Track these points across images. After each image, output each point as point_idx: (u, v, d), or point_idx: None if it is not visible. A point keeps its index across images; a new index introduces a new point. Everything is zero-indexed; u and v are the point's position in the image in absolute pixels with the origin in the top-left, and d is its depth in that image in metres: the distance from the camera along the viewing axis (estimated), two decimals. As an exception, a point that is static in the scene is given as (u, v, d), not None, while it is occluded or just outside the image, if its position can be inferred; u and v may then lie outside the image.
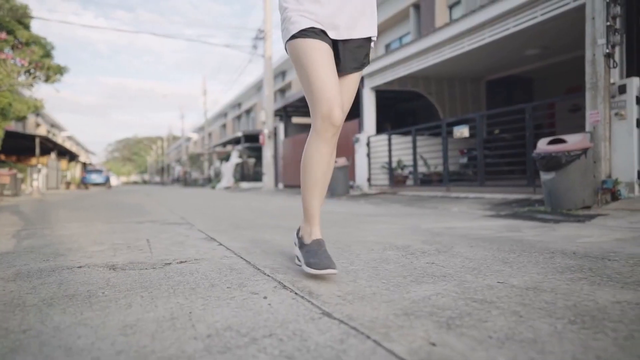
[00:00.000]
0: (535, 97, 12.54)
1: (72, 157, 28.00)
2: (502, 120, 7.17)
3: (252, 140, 21.76)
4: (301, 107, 15.83)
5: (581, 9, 5.46)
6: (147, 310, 1.15)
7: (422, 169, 10.41)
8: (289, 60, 24.96)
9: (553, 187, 4.84)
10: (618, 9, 4.94)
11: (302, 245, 1.62)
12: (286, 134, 16.95)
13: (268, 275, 1.56)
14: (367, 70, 10.47)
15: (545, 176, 4.90)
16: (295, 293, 1.31)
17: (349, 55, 1.58)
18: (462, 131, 7.19)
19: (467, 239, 2.51)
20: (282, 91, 26.82)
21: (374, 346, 0.87)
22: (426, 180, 10.10)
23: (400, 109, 15.21)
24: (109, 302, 1.24)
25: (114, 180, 38.50)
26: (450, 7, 13.90)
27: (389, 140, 9.61)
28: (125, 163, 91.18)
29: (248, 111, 32.23)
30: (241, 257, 1.94)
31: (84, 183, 27.42)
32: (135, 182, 79.24)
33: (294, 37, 1.51)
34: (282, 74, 27.34)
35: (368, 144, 10.46)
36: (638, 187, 4.98)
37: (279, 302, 1.21)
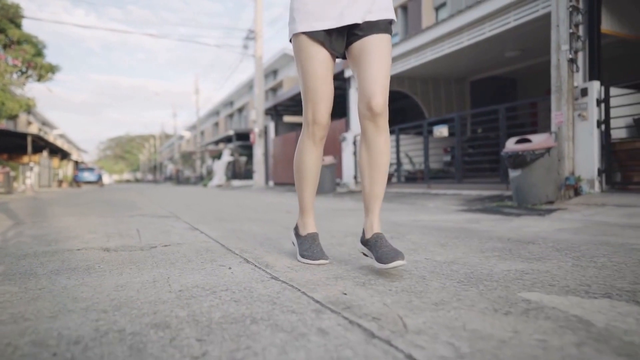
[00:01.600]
0: (519, 97, 12.93)
1: (64, 155, 28.07)
2: (484, 119, 7.53)
3: (243, 139, 22.02)
4: (291, 106, 16.11)
5: (548, 16, 5.81)
6: (135, 277, 1.46)
7: (408, 166, 10.76)
8: (280, 59, 25.23)
9: (519, 184, 5.19)
10: (580, 17, 5.29)
11: (297, 236, 1.73)
12: (277, 133, 17.25)
13: (237, 254, 1.87)
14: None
15: (512, 173, 5.25)
16: (255, 265, 1.62)
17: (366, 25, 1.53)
18: (441, 130, 7.53)
19: (424, 229, 2.84)
20: (274, 90, 27.06)
21: (300, 295, 1.19)
22: (411, 178, 10.44)
23: (389, 108, 15.52)
24: (104, 272, 1.54)
25: (106, 179, 38.57)
26: (437, 9, 14.25)
27: (374, 139, 9.94)
28: (117, 161, 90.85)
29: (240, 109, 32.44)
30: (217, 242, 2.25)
31: (76, 181, 27.51)
32: (127, 181, 79.05)
33: (296, 34, 1.54)
34: (274, 72, 27.59)
35: (355, 143, 10.79)
36: (598, 184, 5.34)
37: (240, 271, 1.53)
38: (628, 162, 5.33)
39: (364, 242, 1.55)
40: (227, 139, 24.29)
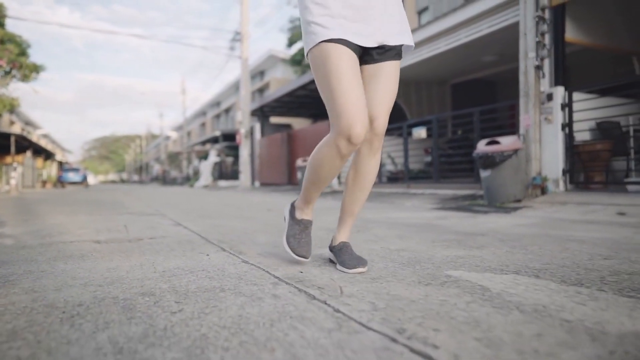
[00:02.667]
0: (498, 99, 13.34)
1: (48, 155, 27.82)
2: (463, 121, 7.85)
3: (230, 139, 22.16)
4: (277, 107, 16.33)
5: (517, 25, 6.15)
6: (124, 262, 1.68)
7: (390, 167, 11.05)
8: (267, 61, 25.37)
9: (489, 184, 5.50)
10: (545, 27, 5.63)
11: (292, 215, 1.63)
12: (263, 134, 17.44)
13: (215, 244, 2.10)
14: (337, 73, 11.04)
15: (483, 174, 5.55)
16: (230, 253, 1.86)
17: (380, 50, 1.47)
18: (419, 132, 7.84)
19: (391, 225, 3.10)
20: (261, 90, 27.22)
21: (264, 273, 1.43)
22: (393, 178, 10.74)
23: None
24: (97, 259, 1.76)
25: (91, 179, 38.25)
26: (419, 13, 14.60)
27: (357, 140, 10.22)
28: (102, 161, 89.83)
29: (227, 110, 32.51)
30: (199, 235, 2.48)
31: (60, 182, 27.29)
32: (113, 181, 78.22)
33: (321, 43, 1.39)
34: (261, 73, 27.76)
35: (338, 144, 11.04)
36: (563, 183, 5.69)
37: (216, 257, 1.76)
38: (590, 163, 5.68)
39: (331, 248, 1.61)
40: (214, 140, 24.40)
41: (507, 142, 5.38)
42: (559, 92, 5.64)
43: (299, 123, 19.60)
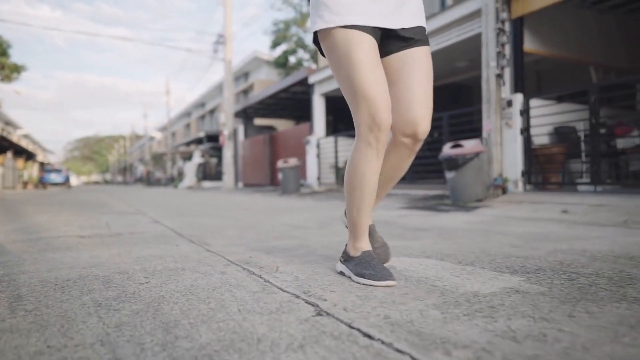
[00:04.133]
0: (473, 103, 13.83)
1: (29, 156, 27.56)
2: (438, 124, 8.20)
3: (214, 140, 22.33)
4: (261, 109, 16.60)
5: (481, 35, 6.56)
6: (104, 252, 1.97)
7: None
8: (251, 62, 25.54)
9: (454, 184, 5.88)
10: (505, 38, 6.05)
11: (348, 259, 1.41)
12: (246, 135, 17.69)
13: (186, 238, 2.41)
14: (317, 77, 11.39)
15: (448, 175, 5.94)
16: (197, 244, 2.17)
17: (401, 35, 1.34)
18: (393, 135, 8.21)
19: (350, 221, 3.43)
20: (245, 92, 27.42)
21: (220, 258, 1.75)
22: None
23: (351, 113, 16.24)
24: (81, 250, 2.05)
25: (74, 180, 37.92)
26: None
27: (336, 142, 10.58)
28: (85, 162, 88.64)
29: (212, 111, 32.60)
30: (174, 230, 2.78)
31: (42, 183, 27.07)
32: (96, 182, 77.31)
33: (335, 28, 1.27)
34: (245, 75, 27.94)
35: (318, 146, 11.39)
36: (522, 184, 6.11)
37: (185, 247, 2.07)
38: (546, 165, 6.11)
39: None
40: (198, 141, 24.53)
41: (469, 146, 5.76)
42: (518, 99, 6.06)
43: (282, 124, 19.88)
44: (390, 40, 1.34)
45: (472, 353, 0.75)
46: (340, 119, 15.27)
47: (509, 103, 6.14)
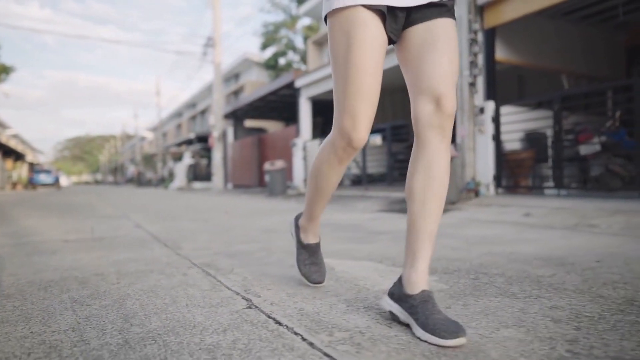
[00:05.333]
0: (456, 107, 14.15)
1: (18, 156, 27.50)
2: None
3: (205, 141, 22.49)
4: (250, 110, 16.81)
5: (455, 45, 6.85)
6: (86, 255, 2.21)
7: (355, 170, 11.70)
8: (241, 64, 25.71)
9: (428, 187, 6.16)
10: (477, 48, 6.35)
11: (298, 237, 1.53)
12: (236, 137, 17.91)
13: (161, 242, 2.65)
14: (303, 81, 11.64)
15: (422, 179, 6.21)
16: (170, 248, 2.41)
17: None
18: (374, 140, 8.50)
19: (326, 225, 3.68)
20: (236, 93, 27.59)
21: (187, 261, 2.00)
22: (357, 181, 11.39)
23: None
24: (65, 253, 2.29)
25: (64, 181, 37.83)
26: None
27: (321, 145, 10.84)
28: (76, 162, 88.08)
29: (203, 112, 32.71)
30: (152, 235, 3.02)
31: (31, 183, 27.04)
32: (87, 182, 76.91)
33: (340, 9, 1.12)
34: (236, 76, 28.12)
35: (304, 148, 11.65)
36: (493, 187, 6.41)
37: (158, 251, 2.31)
38: (517, 169, 6.42)
39: (401, 297, 1.12)
40: (188, 142, 24.68)
41: (442, 151, 6.04)
42: (490, 106, 6.36)
43: (273, 126, 20.11)
44: (409, 12, 1.15)
45: (349, 334, 1.01)
46: (330, 121, 15.56)
47: (482, 110, 6.44)
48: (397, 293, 1.13)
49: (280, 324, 1.09)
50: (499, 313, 1.19)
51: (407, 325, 1.07)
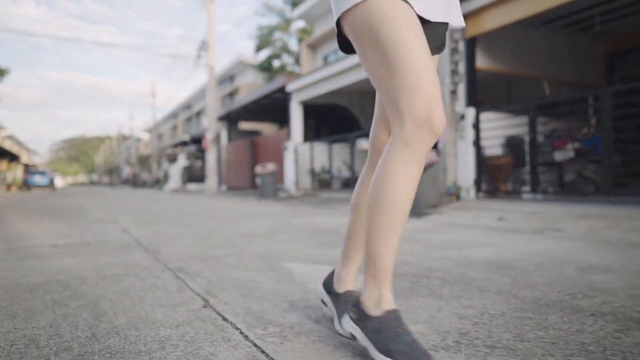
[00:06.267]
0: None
1: (12, 157, 27.57)
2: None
3: (200, 143, 22.68)
4: (244, 113, 17.01)
5: (438, 53, 7.08)
6: (72, 260, 2.40)
7: (346, 173, 11.91)
8: (236, 66, 25.90)
9: (410, 191, 6.38)
10: (458, 57, 6.57)
11: (363, 317, 1.04)
12: (231, 139, 18.10)
13: (144, 247, 2.84)
14: (294, 86, 11.85)
15: (405, 183, 6.42)
16: (150, 253, 2.61)
17: (427, 33, 1.08)
18: (362, 144, 8.72)
19: (303, 229, 3.88)
20: (231, 95, 27.76)
21: (162, 265, 2.19)
22: (347, 184, 11.59)
23: (339, 115, 16.74)
24: (52, 258, 2.48)
25: (59, 182, 37.86)
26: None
27: (312, 148, 11.06)
28: (72, 163, 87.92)
29: (198, 113, 32.86)
30: (136, 240, 3.21)
31: (26, 185, 27.11)
32: (82, 183, 76.79)
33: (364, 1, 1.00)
34: (231, 78, 28.30)
35: (295, 152, 11.85)
36: (474, 192, 6.63)
37: (139, 256, 2.51)
38: (496, 174, 6.64)
39: (330, 290, 1.22)
40: (183, 143, 24.84)
41: (424, 156, 6.26)
42: (471, 113, 6.58)
43: (268, 128, 20.31)
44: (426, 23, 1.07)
45: (280, 329, 1.21)
46: (323, 124, 15.79)
47: (462, 117, 6.67)
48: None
49: (226, 320, 1.29)
50: (418, 312, 1.39)
51: (331, 320, 1.27)
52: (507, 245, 2.83)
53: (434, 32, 1.10)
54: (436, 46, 1.12)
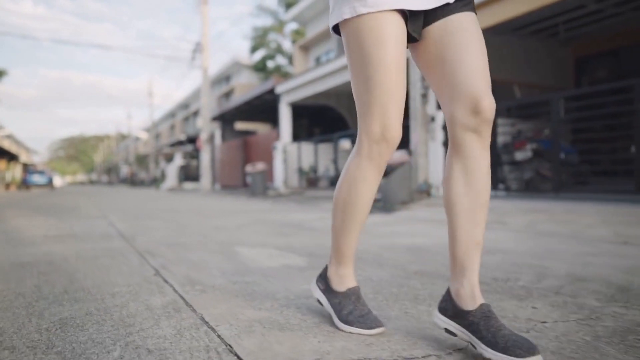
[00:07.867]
0: (403, 119, 14.80)
1: (11, 157, 28.00)
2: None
3: (195, 142, 23.15)
4: (237, 113, 17.46)
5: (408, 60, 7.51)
6: (58, 246, 2.84)
7: (333, 172, 12.34)
8: (232, 67, 26.29)
9: (385, 189, 6.80)
10: (428, 63, 7.01)
11: (330, 291, 1.28)
12: (225, 139, 18.56)
13: (123, 237, 3.28)
14: (283, 88, 12.28)
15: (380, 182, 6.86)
16: (127, 241, 3.04)
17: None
18: (343, 144, 9.17)
19: (269, 223, 4.31)
20: (227, 95, 28.17)
21: (135, 252, 2.63)
22: (334, 182, 12.04)
23: (331, 115, 17.16)
24: (41, 244, 2.91)
25: (58, 181, 38.29)
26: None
27: (299, 148, 11.50)
28: (71, 162, 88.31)
29: (195, 113, 33.28)
30: (119, 231, 3.65)
31: (25, 184, 27.53)
32: (81, 182, 77.21)
33: (358, 16, 1.08)
34: (227, 78, 28.72)
35: (284, 151, 12.30)
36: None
37: (117, 243, 2.94)
38: (464, 172, 7.07)
39: (457, 314, 1.07)
40: (180, 143, 25.30)
41: (396, 156, 6.69)
42: (440, 115, 7.02)
43: (262, 128, 20.74)
44: (428, 10, 1.12)
45: (203, 287, 1.65)
46: (316, 123, 16.22)
47: (433, 119, 7.10)
48: (451, 309, 1.07)
49: (167, 282, 1.73)
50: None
51: (247, 282, 1.71)
52: (441, 235, 3.25)
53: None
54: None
